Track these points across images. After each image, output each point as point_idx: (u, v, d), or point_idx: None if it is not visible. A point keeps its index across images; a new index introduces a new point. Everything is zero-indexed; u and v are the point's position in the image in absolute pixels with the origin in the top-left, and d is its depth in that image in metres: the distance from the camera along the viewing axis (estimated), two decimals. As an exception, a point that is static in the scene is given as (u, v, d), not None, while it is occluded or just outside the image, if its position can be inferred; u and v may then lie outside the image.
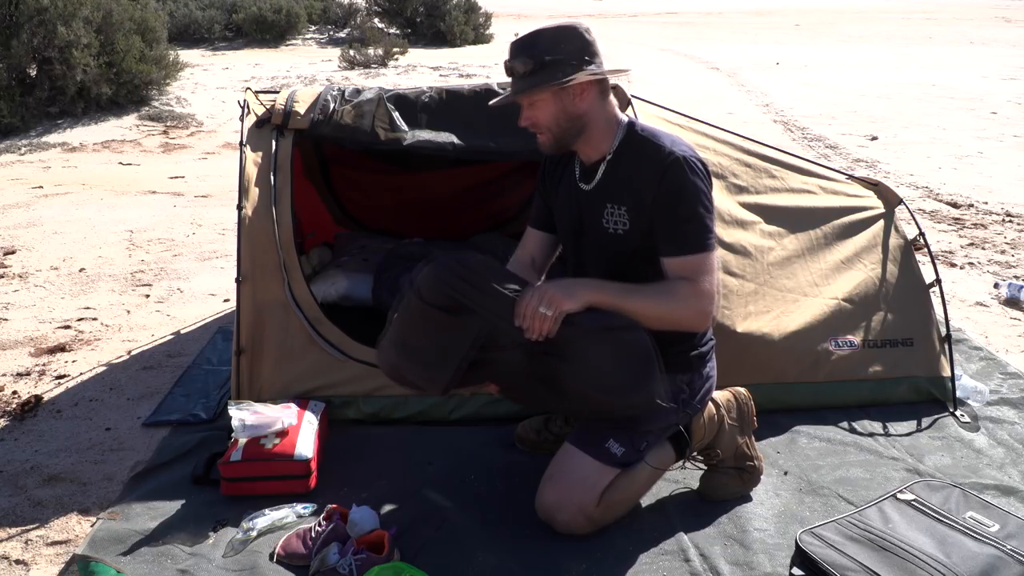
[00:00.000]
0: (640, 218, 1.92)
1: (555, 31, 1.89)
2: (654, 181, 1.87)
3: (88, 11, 8.21)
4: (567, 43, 1.87)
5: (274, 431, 2.22)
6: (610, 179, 1.97)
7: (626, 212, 1.93)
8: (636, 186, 1.91)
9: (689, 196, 1.86)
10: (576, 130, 1.94)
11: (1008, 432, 2.50)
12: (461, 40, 16.84)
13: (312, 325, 2.52)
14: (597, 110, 1.93)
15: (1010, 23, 22.68)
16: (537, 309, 1.76)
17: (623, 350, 1.80)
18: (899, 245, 2.80)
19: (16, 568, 1.96)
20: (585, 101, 1.90)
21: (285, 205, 2.56)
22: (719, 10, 30.58)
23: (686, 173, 1.86)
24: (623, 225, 1.94)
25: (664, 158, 1.87)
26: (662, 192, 1.86)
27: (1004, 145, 7.20)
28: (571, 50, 1.87)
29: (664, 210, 1.88)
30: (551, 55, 1.85)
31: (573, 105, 1.90)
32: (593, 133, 1.96)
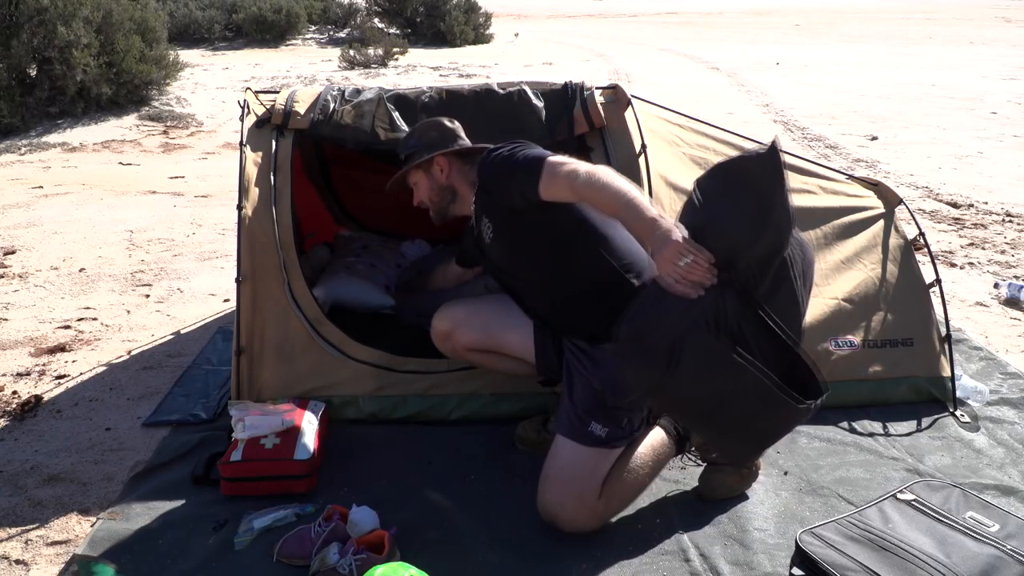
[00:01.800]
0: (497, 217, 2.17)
1: (424, 126, 2.38)
2: (485, 181, 2.14)
3: (88, 11, 8.21)
4: (433, 131, 2.34)
5: (274, 431, 2.22)
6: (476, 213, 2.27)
7: (487, 219, 2.20)
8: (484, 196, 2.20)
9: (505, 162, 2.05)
10: (449, 198, 2.32)
11: (1008, 432, 2.50)
12: (461, 40, 16.84)
13: (312, 325, 2.52)
14: (461, 178, 2.30)
15: (1010, 23, 22.67)
16: (679, 268, 1.68)
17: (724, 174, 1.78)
18: (899, 245, 2.80)
19: (16, 568, 1.96)
20: (449, 175, 2.30)
21: (285, 205, 2.56)
22: (719, 10, 30.57)
23: (485, 161, 2.12)
24: (490, 232, 2.20)
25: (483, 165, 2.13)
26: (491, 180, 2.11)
27: (1004, 145, 7.20)
28: (435, 137, 2.33)
29: (500, 188, 2.08)
30: (421, 146, 2.32)
31: (440, 179, 2.30)
32: (463, 194, 2.31)
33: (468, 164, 2.30)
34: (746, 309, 1.73)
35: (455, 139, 2.34)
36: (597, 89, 2.76)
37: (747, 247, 1.70)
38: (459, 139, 2.36)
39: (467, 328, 2.30)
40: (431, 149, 2.30)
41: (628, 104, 2.73)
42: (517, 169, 2.01)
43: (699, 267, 1.68)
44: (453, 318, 2.33)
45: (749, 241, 1.70)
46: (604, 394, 2.02)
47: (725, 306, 1.71)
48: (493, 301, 2.38)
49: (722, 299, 1.71)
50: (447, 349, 2.38)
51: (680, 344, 1.71)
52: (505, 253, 2.21)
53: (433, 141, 2.32)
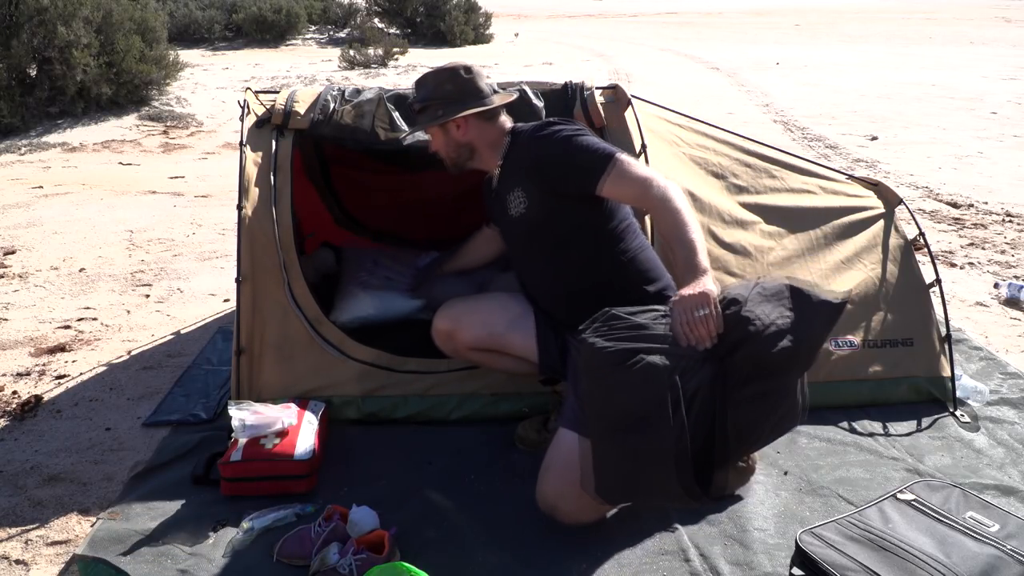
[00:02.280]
0: (535, 194, 2.14)
1: (438, 74, 2.24)
2: (535, 152, 2.13)
3: (88, 11, 8.20)
4: (448, 84, 2.21)
5: (274, 431, 2.22)
6: (504, 178, 2.25)
7: (522, 191, 2.17)
8: (524, 168, 2.18)
9: (568, 142, 2.08)
10: (467, 155, 2.27)
11: (1008, 432, 2.50)
12: (461, 40, 16.84)
13: (312, 325, 2.52)
14: (482, 136, 2.24)
15: (1010, 23, 22.67)
16: (693, 314, 1.78)
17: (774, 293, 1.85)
18: (899, 245, 2.79)
19: (16, 568, 1.96)
20: (467, 133, 2.23)
21: (285, 205, 2.56)
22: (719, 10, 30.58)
23: (553, 133, 2.11)
24: (523, 205, 2.17)
25: (531, 134, 2.16)
26: (546, 156, 2.11)
27: (1004, 145, 7.20)
28: (451, 91, 2.20)
29: (557, 168, 2.09)
30: (434, 98, 2.21)
31: (457, 136, 2.23)
32: (483, 153, 2.26)
33: (489, 122, 2.24)
34: (710, 390, 1.77)
35: (473, 94, 2.22)
36: (597, 89, 2.77)
37: (760, 348, 1.77)
38: (477, 93, 2.22)
39: (469, 327, 2.28)
40: (446, 104, 2.20)
41: (628, 104, 2.73)
42: (583, 156, 2.05)
43: (709, 324, 1.77)
44: (454, 317, 2.31)
45: (767, 347, 1.76)
46: None
47: (698, 372, 1.77)
48: (494, 299, 2.37)
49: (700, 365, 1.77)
50: (448, 348, 2.37)
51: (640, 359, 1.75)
52: (532, 231, 2.18)
53: (448, 96, 2.20)
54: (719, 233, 2.64)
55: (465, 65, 2.24)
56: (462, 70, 2.23)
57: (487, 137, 2.24)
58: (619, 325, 1.83)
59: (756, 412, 1.84)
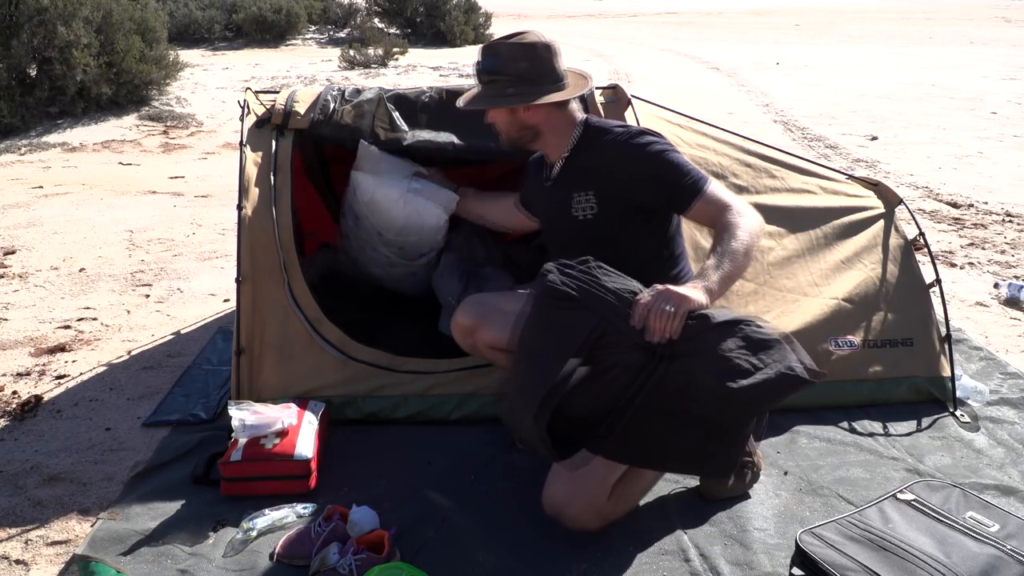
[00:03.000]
0: (610, 202, 2.05)
1: (514, 49, 2.02)
2: (621, 164, 2.02)
3: (88, 11, 8.20)
4: (524, 62, 2.01)
5: (274, 431, 2.22)
6: (570, 172, 2.11)
7: (593, 196, 2.05)
8: (603, 172, 2.04)
9: (662, 160, 2.01)
10: (529, 137, 2.12)
11: (1008, 432, 2.50)
12: (461, 40, 16.83)
13: (312, 325, 2.52)
14: (551, 121, 2.09)
15: (1010, 23, 22.67)
16: (662, 307, 1.75)
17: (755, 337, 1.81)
18: (899, 245, 2.79)
19: (16, 568, 1.96)
20: (536, 117, 2.07)
21: (285, 205, 2.56)
22: (719, 10, 30.57)
23: (647, 146, 2.01)
24: (591, 210, 2.06)
25: (610, 140, 2.05)
26: (637, 169, 2.01)
27: (1004, 145, 7.20)
28: (525, 70, 2.02)
29: (653, 183, 2.01)
30: (505, 74, 2.02)
31: (525, 119, 2.08)
32: (548, 139, 2.12)
33: (560, 109, 2.09)
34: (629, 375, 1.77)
35: (549, 77, 2.04)
36: (597, 89, 2.76)
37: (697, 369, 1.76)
38: (554, 76, 2.04)
39: (492, 326, 2.21)
40: (518, 83, 2.01)
41: (628, 104, 2.73)
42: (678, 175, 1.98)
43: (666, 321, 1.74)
44: (477, 314, 2.24)
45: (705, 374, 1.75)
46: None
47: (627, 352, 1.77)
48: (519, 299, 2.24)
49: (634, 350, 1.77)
50: (467, 344, 2.30)
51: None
52: (596, 237, 2.08)
53: (521, 74, 2.01)
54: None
55: (544, 41, 2.03)
56: (541, 47, 2.02)
57: (556, 124, 2.09)
58: (588, 275, 1.83)
59: (666, 428, 1.82)
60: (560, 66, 2.07)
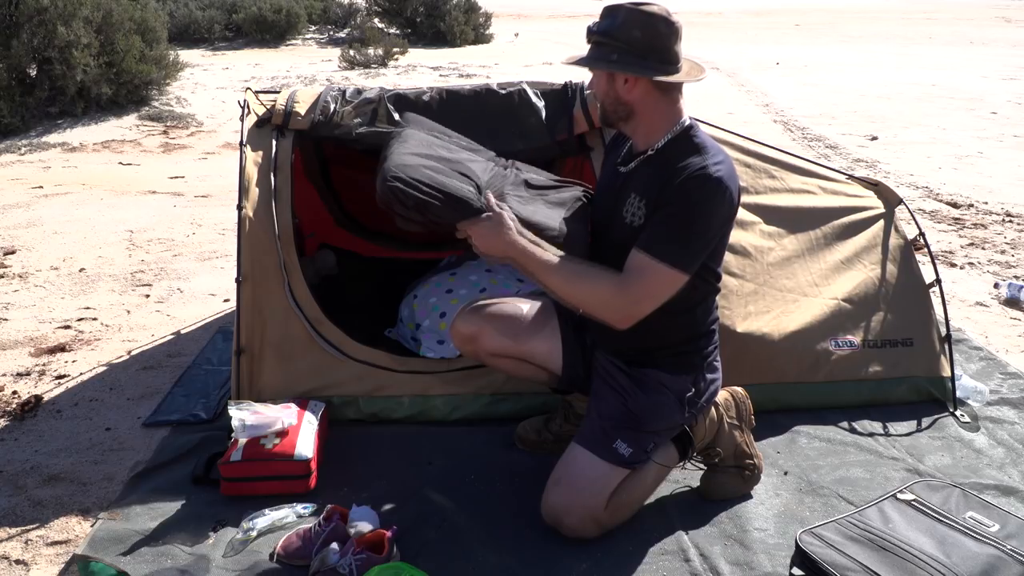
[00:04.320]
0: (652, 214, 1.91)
1: (632, 14, 1.85)
2: (672, 182, 1.85)
3: (88, 11, 8.20)
4: (638, 31, 1.84)
5: (274, 431, 2.22)
6: (643, 171, 1.96)
7: (644, 206, 1.91)
8: (658, 184, 1.88)
9: (696, 209, 1.83)
10: (622, 114, 1.95)
11: (1008, 432, 2.50)
12: (461, 40, 16.83)
13: (312, 325, 2.52)
14: (648, 104, 1.91)
15: (1010, 23, 22.67)
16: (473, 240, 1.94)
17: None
18: (899, 245, 2.80)
19: (16, 568, 1.96)
20: (633, 93, 1.90)
21: (285, 205, 2.56)
22: (719, 10, 30.55)
23: (707, 189, 1.82)
24: (640, 218, 1.92)
25: (694, 167, 1.84)
26: (672, 193, 1.84)
27: (1004, 145, 7.20)
28: (637, 39, 1.84)
29: (665, 207, 1.86)
30: (616, 38, 1.86)
31: (621, 92, 1.91)
32: (640, 124, 1.95)
33: (664, 95, 1.91)
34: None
35: (660, 55, 1.85)
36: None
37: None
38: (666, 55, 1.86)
39: (494, 332, 2.17)
40: (624, 52, 1.85)
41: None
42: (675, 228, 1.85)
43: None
44: (479, 321, 2.19)
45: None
46: (640, 419, 1.99)
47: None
48: (521, 305, 2.25)
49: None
50: (468, 351, 2.27)
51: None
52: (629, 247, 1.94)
53: (632, 43, 1.84)
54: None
55: (667, 17, 1.86)
56: (661, 21, 1.85)
57: (654, 110, 1.92)
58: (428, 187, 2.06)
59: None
60: (677, 48, 1.88)
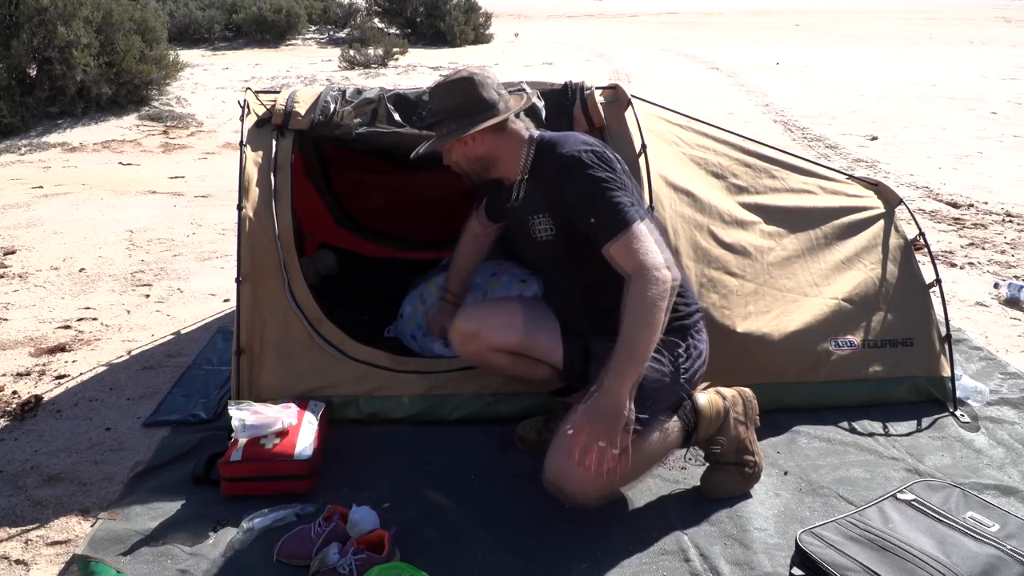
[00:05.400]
0: (562, 222, 2.09)
1: (442, 89, 2.12)
2: (560, 183, 2.04)
3: (88, 11, 8.20)
4: (451, 100, 2.10)
5: (274, 431, 2.22)
6: (528, 193, 2.17)
7: (549, 218, 2.11)
8: (549, 194, 2.09)
9: (594, 188, 2.00)
10: (485, 166, 2.18)
11: (1008, 432, 2.50)
12: (461, 40, 16.84)
13: (312, 325, 2.52)
14: (498, 146, 2.15)
15: (1010, 23, 22.67)
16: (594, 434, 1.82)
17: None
18: (899, 245, 2.80)
19: (16, 568, 1.96)
20: (482, 146, 2.14)
21: (285, 205, 2.56)
22: (719, 10, 30.57)
23: (583, 169, 2.01)
24: (549, 232, 2.13)
25: (560, 162, 2.05)
26: (570, 192, 2.03)
27: (1004, 145, 7.20)
28: (458, 105, 2.09)
29: (579, 209, 2.02)
30: (443, 114, 2.11)
31: (473, 149, 2.14)
32: (501, 163, 2.17)
33: (504, 132, 2.14)
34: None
35: (482, 106, 2.09)
36: (597, 89, 2.76)
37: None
38: (487, 105, 2.10)
39: (496, 327, 2.22)
40: (457, 118, 2.09)
41: (628, 104, 2.73)
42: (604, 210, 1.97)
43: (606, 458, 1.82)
44: (480, 318, 2.25)
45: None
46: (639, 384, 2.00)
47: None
48: (517, 302, 2.33)
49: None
50: (470, 350, 2.29)
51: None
52: (561, 256, 2.16)
53: (458, 109, 2.09)
54: (719, 233, 2.64)
55: (469, 76, 2.11)
56: (466, 83, 2.10)
57: (503, 148, 2.15)
58: None
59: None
60: (490, 94, 2.11)
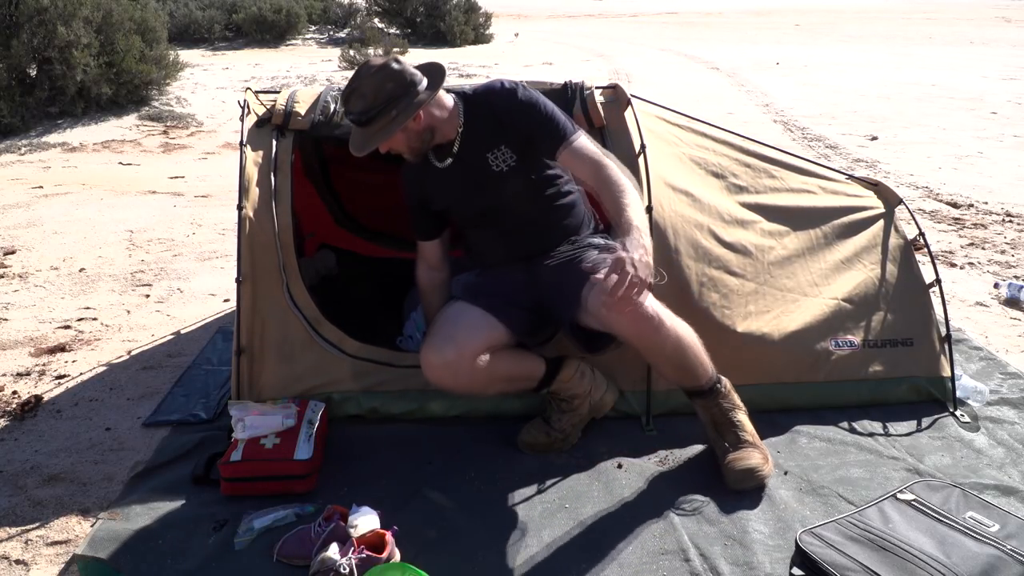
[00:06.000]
0: (519, 143, 2.27)
1: (374, 81, 2.15)
2: (511, 112, 2.24)
3: (88, 11, 8.20)
4: (388, 83, 2.15)
5: (274, 431, 2.22)
6: (473, 139, 2.29)
7: (506, 147, 2.27)
8: (504, 125, 2.26)
9: (535, 101, 2.25)
10: (428, 138, 2.28)
11: (1008, 432, 2.50)
12: (461, 40, 16.83)
13: (311, 325, 2.52)
14: (434, 116, 2.25)
15: (1010, 23, 22.67)
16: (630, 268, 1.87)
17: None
18: (899, 245, 2.80)
19: (16, 568, 1.96)
20: (425, 120, 2.23)
21: (285, 205, 2.56)
22: (719, 10, 30.56)
23: (518, 92, 2.26)
24: (511, 159, 2.28)
25: (499, 96, 2.27)
26: (521, 113, 2.24)
27: (1004, 145, 7.20)
28: (393, 88, 2.15)
29: (532, 121, 2.24)
30: (381, 102, 2.15)
31: (416, 128, 2.23)
32: (439, 129, 2.29)
33: (437, 100, 2.26)
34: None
35: (413, 83, 2.17)
36: (597, 89, 2.76)
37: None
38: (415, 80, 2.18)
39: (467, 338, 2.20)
40: (396, 104, 2.14)
41: (628, 104, 2.73)
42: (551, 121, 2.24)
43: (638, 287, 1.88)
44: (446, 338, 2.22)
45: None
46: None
47: None
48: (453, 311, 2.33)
49: None
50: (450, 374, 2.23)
51: None
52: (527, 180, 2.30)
53: (394, 94, 2.14)
54: (719, 232, 2.64)
55: (385, 63, 2.17)
56: (388, 69, 2.15)
57: (440, 113, 2.27)
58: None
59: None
60: (410, 71, 2.20)
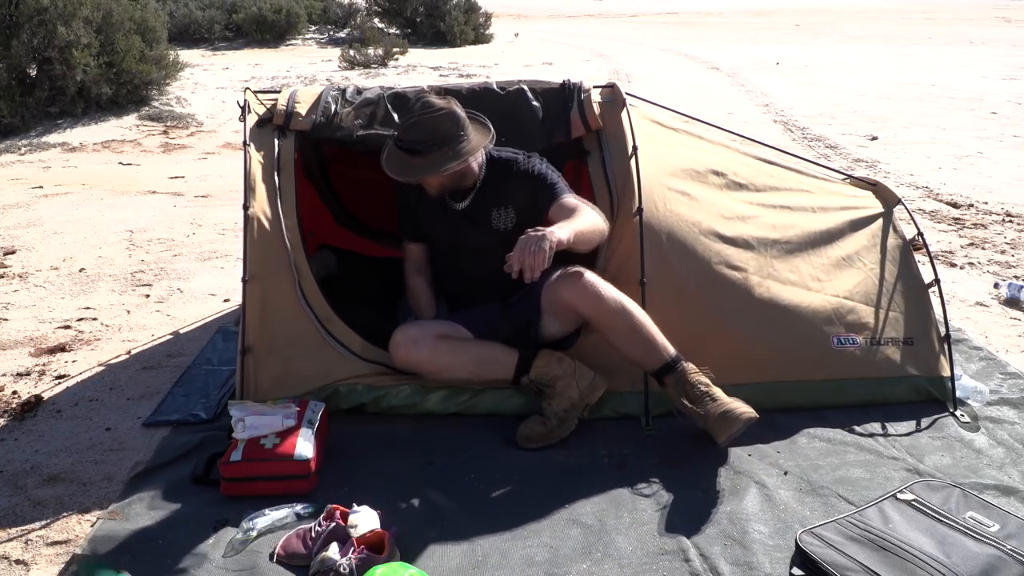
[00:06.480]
0: (523, 206, 2.53)
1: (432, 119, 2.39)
2: (525, 181, 2.51)
3: (88, 11, 8.20)
4: (447, 123, 2.39)
5: (274, 431, 2.22)
6: (486, 192, 2.54)
7: (512, 210, 2.54)
8: (513, 189, 2.53)
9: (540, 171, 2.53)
10: (460, 179, 2.49)
11: (1008, 432, 2.50)
12: (461, 40, 16.83)
13: (323, 324, 2.52)
14: (472, 165, 2.49)
15: (1010, 23, 22.67)
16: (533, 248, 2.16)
17: None
18: (898, 245, 2.80)
19: (16, 568, 1.96)
20: (477, 160, 2.50)
21: (290, 205, 2.56)
22: (719, 10, 30.56)
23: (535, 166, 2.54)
24: (511, 221, 2.54)
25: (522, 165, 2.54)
26: (530, 181, 2.52)
27: (1004, 145, 7.20)
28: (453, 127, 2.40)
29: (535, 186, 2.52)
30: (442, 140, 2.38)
31: (475, 167, 2.50)
32: (469, 175, 2.51)
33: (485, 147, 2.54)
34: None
35: (463, 130, 2.43)
36: (595, 88, 2.77)
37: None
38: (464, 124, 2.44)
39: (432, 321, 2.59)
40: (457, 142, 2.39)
41: (624, 104, 2.73)
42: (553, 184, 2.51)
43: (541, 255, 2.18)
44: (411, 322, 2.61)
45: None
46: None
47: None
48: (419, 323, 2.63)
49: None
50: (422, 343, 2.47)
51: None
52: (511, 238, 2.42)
53: (455, 133, 2.40)
54: (719, 228, 2.64)
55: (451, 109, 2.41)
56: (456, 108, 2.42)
57: (475, 163, 2.50)
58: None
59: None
60: (464, 116, 2.45)
